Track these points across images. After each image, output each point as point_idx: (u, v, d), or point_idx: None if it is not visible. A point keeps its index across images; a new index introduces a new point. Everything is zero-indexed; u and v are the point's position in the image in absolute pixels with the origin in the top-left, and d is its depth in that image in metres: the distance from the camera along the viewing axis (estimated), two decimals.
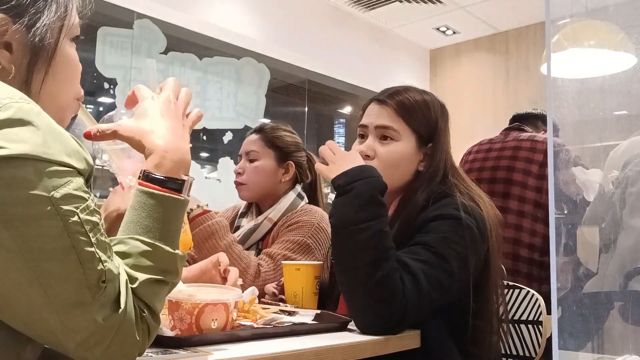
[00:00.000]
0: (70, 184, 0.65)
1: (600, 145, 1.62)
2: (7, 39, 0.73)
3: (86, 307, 0.64)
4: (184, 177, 0.81)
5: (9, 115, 0.63)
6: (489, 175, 2.36)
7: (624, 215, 1.60)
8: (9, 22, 0.73)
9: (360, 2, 4.99)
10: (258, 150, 1.85)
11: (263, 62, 4.54)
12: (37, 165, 0.62)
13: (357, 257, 1.16)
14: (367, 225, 1.15)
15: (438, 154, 1.35)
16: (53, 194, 0.63)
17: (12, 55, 0.74)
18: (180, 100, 0.88)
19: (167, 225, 0.77)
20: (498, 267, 1.34)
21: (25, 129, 0.63)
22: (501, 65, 5.51)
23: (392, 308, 1.12)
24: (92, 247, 0.65)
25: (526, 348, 1.51)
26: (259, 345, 0.98)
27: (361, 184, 1.19)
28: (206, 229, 1.58)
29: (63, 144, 0.66)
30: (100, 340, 0.66)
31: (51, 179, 0.63)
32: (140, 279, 0.72)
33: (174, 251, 0.77)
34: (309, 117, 5.11)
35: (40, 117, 0.65)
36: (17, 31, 0.74)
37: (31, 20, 0.74)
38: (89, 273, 0.64)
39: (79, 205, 0.65)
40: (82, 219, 0.65)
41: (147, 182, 0.78)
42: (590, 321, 1.35)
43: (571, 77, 1.57)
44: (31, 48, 0.75)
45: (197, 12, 4.08)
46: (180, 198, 0.79)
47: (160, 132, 0.82)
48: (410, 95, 1.37)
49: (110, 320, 0.66)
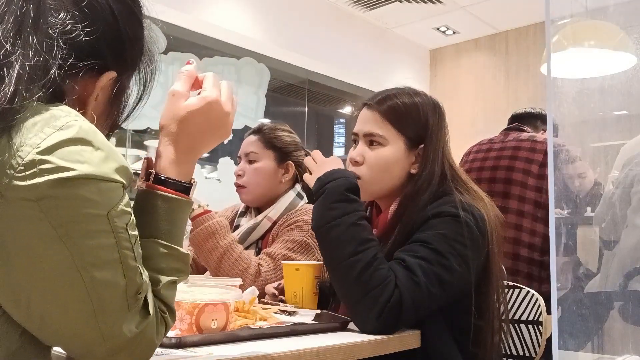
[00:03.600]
0: (123, 200, 0.67)
1: (600, 145, 1.62)
2: (101, 92, 0.77)
3: (124, 317, 0.67)
4: (191, 181, 0.83)
5: (71, 135, 0.64)
6: (488, 175, 2.36)
7: (628, 214, 1.60)
8: (114, 81, 0.77)
9: (360, 2, 4.99)
10: (257, 151, 1.85)
11: (263, 62, 4.54)
12: (99, 185, 0.64)
13: (336, 254, 1.20)
14: (338, 221, 1.21)
15: (431, 155, 1.35)
16: (110, 212, 0.65)
17: (95, 105, 0.77)
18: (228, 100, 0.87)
19: (179, 227, 0.80)
20: (499, 267, 1.34)
21: (87, 148, 0.64)
22: (501, 65, 5.51)
23: (381, 298, 1.12)
24: (135, 262, 0.68)
25: (526, 348, 1.51)
26: (259, 345, 0.98)
27: (330, 185, 1.26)
28: (207, 228, 1.58)
29: (116, 161, 0.67)
30: (129, 346, 0.68)
31: (109, 197, 0.65)
32: (162, 281, 0.75)
33: (186, 252, 0.80)
34: (309, 117, 5.11)
35: (97, 136, 0.67)
36: (109, 87, 0.77)
37: (123, 85, 0.79)
38: (130, 285, 0.67)
39: (127, 221, 0.67)
40: (129, 234, 0.67)
41: (159, 184, 0.79)
42: (590, 321, 1.35)
43: (571, 77, 1.57)
44: (110, 107, 0.79)
45: (197, 12, 4.08)
46: (190, 201, 0.82)
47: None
48: (399, 100, 1.38)
49: (141, 327, 0.68)
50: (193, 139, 0.82)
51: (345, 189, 1.25)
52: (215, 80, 0.85)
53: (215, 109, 0.82)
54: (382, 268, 1.16)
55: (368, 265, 1.16)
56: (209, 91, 0.83)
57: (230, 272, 1.58)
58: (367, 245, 1.19)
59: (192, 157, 0.83)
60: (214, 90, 0.83)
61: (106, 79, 0.76)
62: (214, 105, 0.82)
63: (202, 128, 0.82)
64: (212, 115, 0.82)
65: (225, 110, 0.83)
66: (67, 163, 0.62)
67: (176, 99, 0.82)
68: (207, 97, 0.82)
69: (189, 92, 0.83)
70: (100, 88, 0.76)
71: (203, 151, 0.84)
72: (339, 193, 1.24)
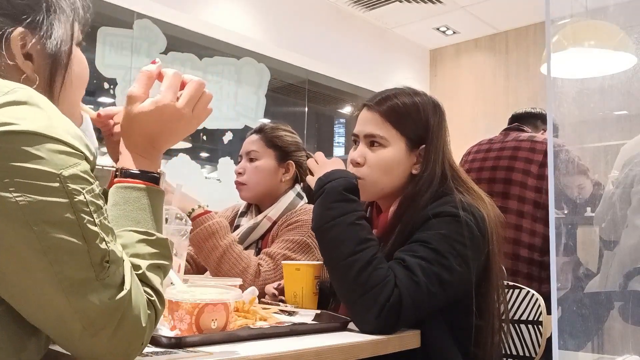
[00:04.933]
0: (78, 166, 0.67)
1: (600, 145, 1.62)
2: (28, 51, 0.78)
3: (91, 285, 0.66)
4: (158, 171, 0.87)
5: (16, 97, 0.66)
6: (488, 175, 2.36)
7: (628, 214, 1.60)
8: (27, 34, 0.78)
9: (360, 2, 4.99)
10: (258, 150, 1.86)
11: (263, 62, 4.54)
12: (45, 143, 0.65)
13: (335, 253, 1.20)
14: (337, 221, 1.21)
15: (432, 155, 1.35)
16: (62, 172, 0.65)
17: (34, 65, 0.78)
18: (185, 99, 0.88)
19: (153, 214, 0.82)
20: (499, 267, 1.34)
21: (32, 109, 0.66)
22: (501, 65, 5.51)
23: (381, 298, 1.12)
24: (95, 227, 0.67)
25: (526, 348, 1.51)
26: (259, 345, 0.98)
27: (329, 185, 1.26)
28: (207, 228, 1.58)
29: (68, 127, 0.69)
30: (106, 324, 0.67)
31: (60, 159, 0.65)
32: (143, 265, 0.76)
33: (164, 237, 0.82)
34: (309, 117, 5.11)
35: (46, 102, 0.69)
36: (36, 43, 0.78)
37: (47, 32, 0.80)
38: (92, 251, 0.67)
39: (84, 187, 0.67)
40: (87, 200, 0.67)
41: (126, 178, 0.83)
42: (590, 321, 1.35)
43: (571, 77, 1.57)
44: (50, 57, 0.80)
45: (197, 12, 4.08)
46: (158, 188, 0.85)
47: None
48: (399, 100, 1.38)
49: (115, 301, 0.68)
50: (149, 139, 0.85)
51: (343, 189, 1.25)
52: (173, 82, 0.87)
53: (166, 112, 0.85)
54: (381, 267, 1.16)
55: (367, 265, 1.16)
56: (162, 95, 0.85)
57: (230, 272, 1.58)
58: (366, 244, 1.19)
59: (152, 153, 0.86)
60: (167, 93, 0.85)
61: (17, 38, 0.77)
62: (164, 109, 0.84)
63: (155, 129, 0.85)
64: (163, 118, 0.85)
65: (180, 112, 0.85)
66: (11, 119, 0.63)
67: (131, 101, 0.85)
68: (159, 101, 0.85)
69: (145, 94, 0.86)
70: (21, 48, 0.77)
71: (163, 147, 0.88)
72: (337, 193, 1.25)
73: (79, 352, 0.69)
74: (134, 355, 0.72)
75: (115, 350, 0.69)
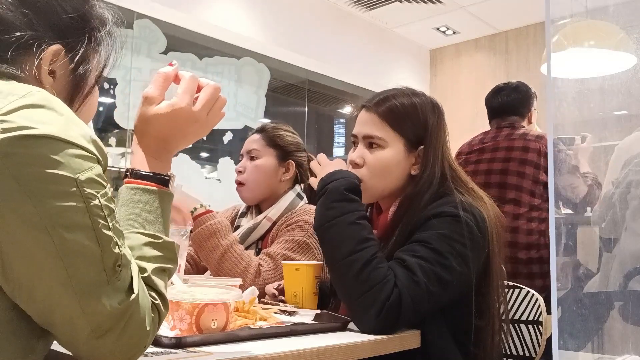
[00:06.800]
0: (93, 169, 0.68)
1: (600, 145, 1.62)
2: (54, 67, 0.78)
3: (103, 289, 0.67)
4: (169, 174, 0.87)
5: (33, 100, 0.66)
6: (482, 179, 2.36)
7: (627, 217, 1.60)
8: (61, 53, 0.78)
9: (360, 2, 4.99)
10: (259, 149, 1.86)
11: (263, 62, 4.54)
12: (63, 148, 0.65)
13: (335, 252, 1.21)
14: (338, 220, 1.22)
15: (431, 155, 1.35)
16: (78, 176, 0.65)
17: (54, 83, 0.79)
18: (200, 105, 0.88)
19: (161, 217, 0.82)
20: (499, 267, 1.34)
21: (49, 112, 0.66)
22: (501, 65, 5.51)
23: (380, 297, 1.12)
24: (109, 231, 0.68)
25: (526, 348, 1.51)
26: (259, 345, 0.98)
27: (331, 185, 1.27)
28: (208, 228, 1.59)
29: (83, 132, 0.69)
30: (113, 327, 0.67)
31: (76, 162, 0.66)
32: (149, 268, 0.76)
33: (171, 240, 0.82)
34: (309, 117, 5.11)
35: (62, 105, 0.69)
36: (65, 64, 0.79)
37: (80, 59, 0.81)
38: (106, 255, 0.67)
39: (99, 191, 0.68)
40: (101, 204, 0.67)
41: (137, 179, 0.83)
42: (590, 321, 1.35)
43: (571, 77, 1.57)
44: (73, 82, 0.81)
45: (197, 12, 4.08)
46: (168, 191, 0.85)
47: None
48: (397, 101, 1.38)
49: (124, 305, 0.68)
50: (162, 141, 0.86)
51: (345, 189, 1.26)
52: (190, 85, 0.87)
53: (181, 116, 0.85)
54: (381, 267, 1.16)
55: (367, 264, 1.16)
56: (178, 98, 0.86)
57: (230, 271, 1.58)
58: (366, 244, 1.19)
59: (165, 155, 0.87)
60: (184, 97, 0.86)
61: (51, 53, 0.77)
62: (179, 112, 0.85)
63: (169, 132, 0.85)
64: (179, 121, 0.85)
65: (195, 116, 0.86)
66: (30, 123, 0.63)
67: (147, 102, 0.85)
68: (175, 104, 0.85)
69: (161, 96, 0.86)
70: (50, 63, 0.77)
71: (175, 150, 0.88)
72: (339, 193, 1.25)
73: (82, 354, 0.70)
74: (135, 358, 0.72)
75: (118, 352, 0.69)
